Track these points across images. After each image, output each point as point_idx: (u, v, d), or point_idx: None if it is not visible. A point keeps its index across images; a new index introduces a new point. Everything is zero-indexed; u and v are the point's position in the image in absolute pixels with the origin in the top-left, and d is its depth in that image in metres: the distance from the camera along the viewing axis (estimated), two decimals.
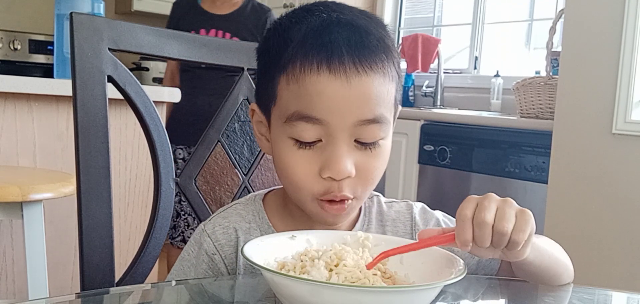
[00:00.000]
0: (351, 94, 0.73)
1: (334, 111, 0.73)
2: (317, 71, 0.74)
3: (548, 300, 0.84)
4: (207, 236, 0.85)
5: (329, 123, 0.74)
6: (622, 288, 0.96)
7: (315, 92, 0.74)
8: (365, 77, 0.74)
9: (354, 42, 0.74)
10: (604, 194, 2.22)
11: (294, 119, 0.75)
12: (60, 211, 2.07)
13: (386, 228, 0.88)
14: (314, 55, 0.74)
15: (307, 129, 0.75)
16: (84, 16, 0.88)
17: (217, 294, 0.79)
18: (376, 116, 0.75)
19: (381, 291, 0.60)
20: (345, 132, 0.74)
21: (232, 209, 0.87)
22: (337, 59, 0.73)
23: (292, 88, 0.76)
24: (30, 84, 2.01)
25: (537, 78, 2.76)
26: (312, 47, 0.74)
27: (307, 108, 0.74)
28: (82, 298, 0.80)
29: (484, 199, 0.67)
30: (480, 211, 0.66)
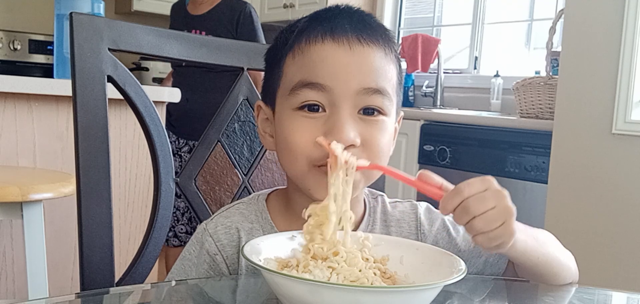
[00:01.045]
0: (354, 61, 0.76)
1: (337, 76, 0.76)
2: (322, 40, 0.77)
3: (548, 300, 0.84)
4: (209, 236, 0.84)
5: (332, 89, 0.76)
6: (622, 288, 0.96)
7: (319, 59, 0.77)
8: (368, 48, 0.78)
9: (356, 20, 0.79)
10: (604, 194, 2.22)
11: (298, 88, 0.77)
12: (60, 211, 2.07)
13: (390, 228, 0.88)
14: (319, 29, 0.78)
15: (312, 95, 0.76)
16: (84, 16, 0.88)
17: (218, 294, 0.79)
18: (379, 87, 0.77)
19: (381, 291, 0.60)
20: (348, 100, 0.76)
21: (234, 208, 0.87)
22: (340, 30, 0.77)
23: (297, 61, 0.79)
24: (30, 84, 2.01)
25: (537, 78, 2.76)
26: (317, 24, 0.79)
27: (311, 75, 0.76)
28: (82, 298, 0.80)
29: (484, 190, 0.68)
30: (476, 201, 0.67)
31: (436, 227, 0.88)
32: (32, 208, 1.65)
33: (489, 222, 0.67)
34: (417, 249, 0.72)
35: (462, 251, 0.87)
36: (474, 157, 2.81)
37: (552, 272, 0.83)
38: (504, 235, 0.68)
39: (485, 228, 0.67)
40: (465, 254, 0.86)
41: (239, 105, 1.06)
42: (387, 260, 0.71)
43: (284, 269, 0.66)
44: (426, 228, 0.88)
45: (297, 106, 0.77)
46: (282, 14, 4.31)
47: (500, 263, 0.87)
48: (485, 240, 0.68)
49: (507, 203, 0.69)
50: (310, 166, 0.77)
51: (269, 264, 0.66)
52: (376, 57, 0.78)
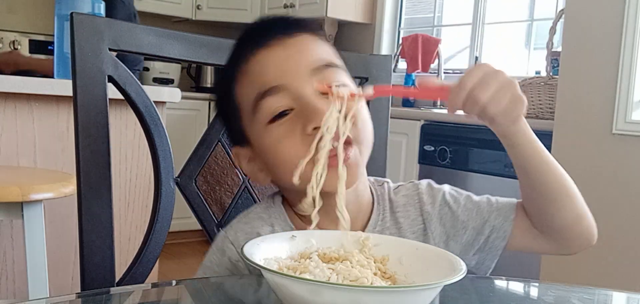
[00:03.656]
0: (291, 52, 0.79)
1: (284, 72, 0.77)
2: (254, 53, 0.80)
3: (548, 300, 0.84)
4: (229, 243, 0.84)
5: (287, 85, 0.77)
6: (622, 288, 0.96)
7: (260, 68, 0.79)
8: (298, 37, 0.81)
9: (278, 24, 0.83)
10: (604, 194, 2.22)
11: (258, 101, 0.78)
12: (60, 211, 2.07)
13: (398, 216, 0.88)
14: (248, 47, 0.81)
15: (273, 102, 0.77)
16: (84, 16, 0.88)
17: (219, 293, 0.79)
18: (326, 62, 0.79)
19: (381, 291, 0.60)
20: (306, 86, 0.77)
21: (253, 213, 0.87)
22: (268, 35, 0.80)
23: (244, 83, 0.81)
24: (30, 84, 2.01)
25: (537, 78, 2.76)
26: (245, 45, 0.82)
27: (261, 85, 0.78)
28: (82, 298, 0.80)
29: (484, 74, 0.71)
30: (480, 88, 0.70)
31: (438, 203, 0.88)
32: (33, 208, 1.65)
33: (499, 102, 0.71)
34: (417, 249, 0.72)
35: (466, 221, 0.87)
36: (474, 157, 2.81)
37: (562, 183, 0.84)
38: (515, 106, 0.72)
39: (497, 109, 0.71)
40: (470, 223, 0.87)
41: None
42: (387, 260, 0.71)
43: (284, 269, 0.66)
44: (428, 207, 0.88)
45: (268, 120, 0.78)
46: (282, 14, 4.32)
47: (505, 226, 0.86)
48: (502, 119, 0.72)
49: (507, 77, 0.72)
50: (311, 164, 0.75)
51: (269, 264, 0.66)
52: (309, 42, 0.81)
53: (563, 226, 0.85)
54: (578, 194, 0.85)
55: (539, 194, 0.83)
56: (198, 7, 4.63)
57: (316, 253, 0.69)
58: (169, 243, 0.96)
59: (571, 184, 0.85)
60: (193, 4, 4.63)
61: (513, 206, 0.88)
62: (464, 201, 0.89)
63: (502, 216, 0.87)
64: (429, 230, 0.87)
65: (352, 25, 4.22)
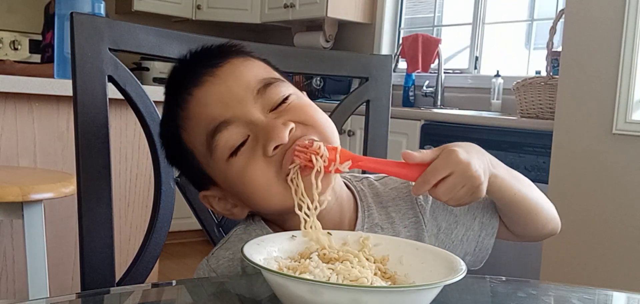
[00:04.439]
0: (228, 83, 0.77)
1: (227, 104, 0.76)
2: (191, 94, 0.78)
3: (548, 300, 0.84)
4: (211, 272, 0.82)
5: (234, 116, 0.75)
6: (622, 288, 0.96)
7: (202, 108, 0.77)
8: (228, 65, 0.79)
9: (202, 56, 0.81)
10: (604, 194, 2.22)
11: (210, 142, 0.76)
12: (60, 211, 2.07)
13: (389, 209, 0.88)
14: (183, 91, 0.79)
15: (226, 137, 0.76)
16: (84, 16, 0.88)
17: (219, 293, 0.79)
18: (265, 80, 0.78)
19: (381, 291, 0.60)
20: (253, 110, 0.76)
21: (233, 237, 0.85)
22: (195, 75, 0.78)
23: (190, 128, 0.79)
24: (30, 84, 2.01)
25: (537, 78, 2.76)
26: (176, 88, 0.80)
27: (208, 124, 0.76)
28: (82, 298, 0.80)
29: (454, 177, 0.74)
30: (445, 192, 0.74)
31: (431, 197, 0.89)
32: (33, 208, 1.65)
33: (458, 200, 0.76)
34: (417, 249, 0.72)
35: (459, 215, 0.90)
36: None
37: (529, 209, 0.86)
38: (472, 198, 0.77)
39: (455, 204, 0.77)
40: (461, 219, 0.89)
41: None
42: (387, 260, 0.71)
43: (284, 269, 0.66)
44: (422, 200, 0.89)
45: (227, 156, 0.76)
46: (283, 14, 4.32)
47: (493, 222, 0.90)
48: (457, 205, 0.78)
49: (475, 177, 0.75)
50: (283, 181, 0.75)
51: (269, 264, 0.66)
52: (241, 66, 0.79)
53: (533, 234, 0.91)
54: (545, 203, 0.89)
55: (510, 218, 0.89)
56: (198, 7, 4.63)
57: (316, 253, 0.69)
58: (169, 243, 0.96)
59: (539, 198, 0.89)
60: (193, 4, 4.63)
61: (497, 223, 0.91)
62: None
63: (489, 213, 0.91)
64: (423, 222, 0.88)
65: (352, 25, 4.22)
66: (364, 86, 1.16)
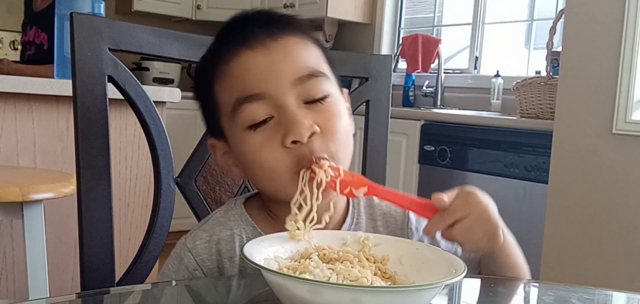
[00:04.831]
0: (275, 58, 0.76)
1: (267, 79, 0.75)
2: (237, 53, 0.77)
3: (548, 300, 0.84)
4: (188, 251, 0.82)
5: (269, 93, 0.75)
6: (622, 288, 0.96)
7: (243, 72, 0.76)
8: (282, 41, 0.77)
9: (264, 20, 0.80)
10: (604, 194, 2.22)
11: (237, 106, 0.76)
12: (60, 211, 2.07)
13: (377, 222, 0.88)
14: (232, 45, 0.78)
15: (253, 109, 0.75)
16: (84, 16, 0.88)
17: (218, 294, 0.79)
18: (311, 71, 0.77)
19: (381, 290, 0.60)
20: (288, 95, 0.75)
21: (212, 219, 0.85)
22: (252, 36, 0.77)
23: (225, 83, 0.78)
24: (30, 84, 2.01)
25: (537, 78, 2.76)
26: (228, 43, 0.79)
27: (242, 90, 0.76)
28: (82, 298, 0.80)
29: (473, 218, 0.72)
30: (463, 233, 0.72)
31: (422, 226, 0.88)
32: (33, 208, 1.65)
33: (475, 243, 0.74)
34: (417, 249, 0.72)
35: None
36: (474, 157, 2.81)
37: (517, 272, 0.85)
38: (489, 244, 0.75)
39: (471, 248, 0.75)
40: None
41: None
42: (387, 260, 0.71)
43: (284, 269, 0.66)
44: (414, 224, 0.88)
45: (246, 126, 0.76)
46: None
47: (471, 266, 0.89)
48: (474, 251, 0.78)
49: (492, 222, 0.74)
50: (290, 175, 0.75)
51: (269, 264, 0.66)
52: (295, 46, 0.78)
53: None
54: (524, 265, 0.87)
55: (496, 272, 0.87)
56: (198, 7, 4.63)
57: (316, 253, 0.69)
58: (169, 243, 0.96)
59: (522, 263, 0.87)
60: (193, 4, 4.63)
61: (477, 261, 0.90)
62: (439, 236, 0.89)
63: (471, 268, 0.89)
64: None
65: (352, 25, 4.22)
66: (363, 86, 1.16)
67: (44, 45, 2.88)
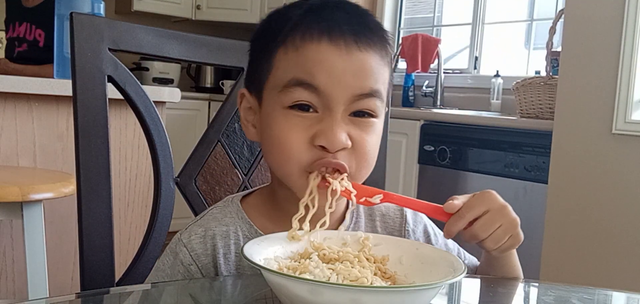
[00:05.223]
0: (350, 67, 0.74)
1: (333, 81, 0.74)
2: (318, 41, 0.74)
3: (548, 300, 0.84)
4: (183, 246, 0.82)
5: (328, 93, 0.74)
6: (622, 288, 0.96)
7: (315, 60, 0.74)
8: (365, 53, 0.75)
9: (355, 20, 0.76)
10: (604, 194, 2.22)
11: (291, 85, 0.74)
12: (60, 211, 2.07)
13: (376, 222, 0.88)
14: (315, 27, 0.75)
15: (304, 95, 0.74)
16: (84, 16, 0.88)
17: (218, 294, 0.79)
18: (373, 90, 0.76)
19: (381, 290, 0.60)
20: (341, 104, 0.74)
21: (208, 215, 0.85)
22: (338, 31, 0.74)
23: (291, 57, 0.76)
24: (30, 84, 2.01)
25: (537, 78, 2.76)
26: (313, 21, 0.75)
27: (306, 75, 0.74)
28: (82, 298, 0.80)
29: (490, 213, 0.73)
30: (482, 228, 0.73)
31: (420, 229, 0.90)
32: (32, 208, 1.65)
33: (497, 241, 0.74)
34: (417, 249, 0.72)
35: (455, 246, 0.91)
36: (474, 157, 2.81)
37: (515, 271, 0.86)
38: (512, 244, 0.75)
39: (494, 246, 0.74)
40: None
41: None
42: (387, 260, 0.71)
43: (284, 269, 0.66)
44: (411, 227, 0.89)
45: (288, 105, 0.75)
46: None
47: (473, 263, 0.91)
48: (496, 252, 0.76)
49: (512, 217, 0.74)
50: (301, 170, 0.75)
51: (269, 264, 0.66)
52: (373, 62, 0.76)
53: None
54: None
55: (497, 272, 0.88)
56: (198, 7, 4.63)
57: (316, 253, 0.69)
58: (169, 242, 0.95)
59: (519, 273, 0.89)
60: (193, 4, 4.63)
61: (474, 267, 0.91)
62: (441, 240, 0.92)
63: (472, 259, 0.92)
64: None
65: None
66: None
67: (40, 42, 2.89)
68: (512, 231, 0.74)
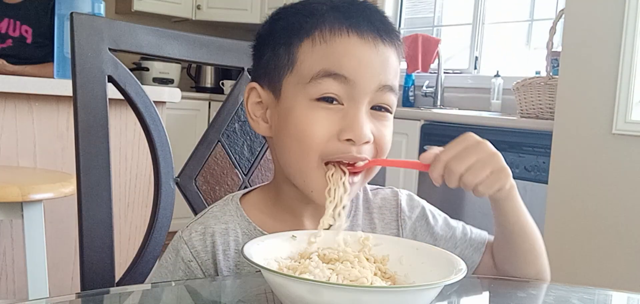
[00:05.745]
0: (377, 59, 0.77)
1: (361, 71, 0.76)
2: (347, 34, 0.77)
3: (548, 300, 0.84)
4: (183, 243, 0.83)
5: (356, 83, 0.76)
6: (622, 288, 0.96)
7: (344, 52, 0.76)
8: (389, 47, 0.79)
9: (378, 18, 0.80)
10: (604, 194, 2.22)
11: (319, 77, 0.76)
12: (60, 211, 2.07)
13: (373, 216, 0.89)
14: (344, 21, 0.77)
15: (333, 87, 0.76)
16: (84, 16, 0.88)
17: (218, 294, 0.79)
18: (393, 85, 0.79)
19: (381, 291, 0.60)
20: (367, 95, 0.77)
21: (208, 213, 0.86)
22: (366, 26, 0.78)
23: (318, 49, 0.77)
24: (30, 84, 2.01)
25: (537, 78, 2.76)
26: (341, 15, 0.78)
27: (335, 66, 0.76)
28: (82, 298, 0.80)
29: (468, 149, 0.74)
30: (456, 161, 0.73)
31: (416, 214, 0.91)
32: (33, 208, 1.65)
33: (477, 174, 0.73)
34: (417, 249, 0.72)
35: (439, 239, 0.90)
36: None
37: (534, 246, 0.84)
38: (498, 178, 0.74)
39: (476, 180, 0.73)
40: (441, 243, 0.89)
41: (239, 105, 1.06)
42: (387, 260, 0.71)
43: (284, 269, 0.66)
44: (407, 214, 0.90)
45: (316, 97, 0.76)
46: None
47: (474, 257, 0.90)
48: (484, 189, 0.74)
49: (490, 150, 0.75)
50: (320, 162, 0.77)
51: (269, 264, 0.66)
52: (394, 58, 0.80)
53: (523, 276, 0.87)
54: (543, 252, 0.87)
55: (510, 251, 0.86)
56: (198, 7, 4.63)
57: (316, 253, 0.69)
58: (169, 242, 0.95)
59: (541, 244, 0.87)
60: (193, 4, 4.63)
61: (484, 240, 0.91)
62: (441, 221, 0.92)
63: (473, 247, 0.90)
64: (401, 236, 0.89)
65: None
66: None
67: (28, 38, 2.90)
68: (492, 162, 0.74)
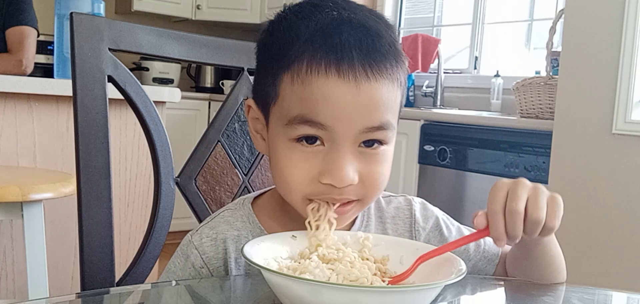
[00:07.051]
0: (359, 101, 0.69)
1: (340, 117, 0.69)
2: (325, 74, 0.69)
3: (548, 300, 0.84)
4: (194, 248, 0.81)
5: (334, 129, 0.70)
6: (622, 288, 0.96)
7: (321, 96, 0.69)
8: (375, 83, 0.70)
9: (365, 45, 0.71)
10: (603, 194, 2.22)
11: (296, 123, 0.71)
12: (60, 211, 2.07)
13: (386, 225, 0.87)
14: (323, 57, 0.70)
15: (312, 131, 0.71)
16: (84, 16, 0.88)
17: (218, 294, 0.79)
18: (382, 123, 0.72)
19: (381, 291, 0.60)
20: (349, 139, 0.71)
21: (219, 217, 0.84)
22: (347, 62, 0.69)
23: (296, 90, 0.71)
24: (30, 84, 2.01)
25: (537, 78, 2.76)
26: (320, 47, 0.70)
27: (311, 112, 0.70)
28: (82, 298, 0.80)
29: (515, 186, 0.68)
30: (512, 200, 0.67)
31: (430, 225, 0.87)
32: (33, 208, 1.65)
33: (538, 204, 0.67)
34: (417, 249, 0.72)
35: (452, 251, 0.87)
36: (474, 157, 2.81)
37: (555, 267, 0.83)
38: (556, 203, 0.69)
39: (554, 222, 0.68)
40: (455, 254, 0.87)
41: (239, 105, 1.06)
42: (387, 260, 0.71)
43: (284, 269, 0.66)
44: (421, 224, 0.87)
45: (294, 138, 0.72)
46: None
47: (488, 268, 0.88)
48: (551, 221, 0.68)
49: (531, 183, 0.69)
50: (304, 199, 0.74)
51: (269, 264, 0.66)
52: (383, 92, 0.71)
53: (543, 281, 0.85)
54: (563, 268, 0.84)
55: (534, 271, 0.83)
56: (198, 7, 4.63)
57: (316, 253, 0.69)
58: (169, 242, 0.96)
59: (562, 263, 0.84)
60: (193, 4, 4.63)
61: (498, 252, 0.88)
62: (455, 231, 0.88)
63: (486, 259, 0.88)
64: None
65: None
66: None
67: None
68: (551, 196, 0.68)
